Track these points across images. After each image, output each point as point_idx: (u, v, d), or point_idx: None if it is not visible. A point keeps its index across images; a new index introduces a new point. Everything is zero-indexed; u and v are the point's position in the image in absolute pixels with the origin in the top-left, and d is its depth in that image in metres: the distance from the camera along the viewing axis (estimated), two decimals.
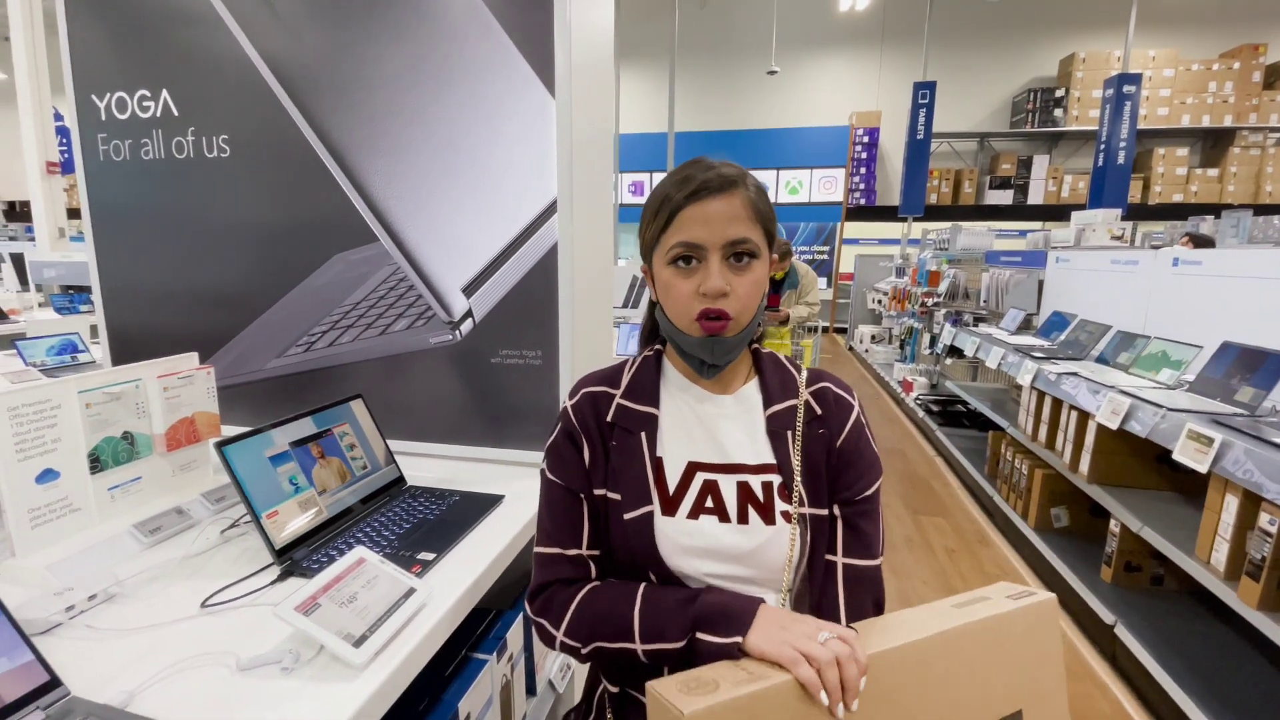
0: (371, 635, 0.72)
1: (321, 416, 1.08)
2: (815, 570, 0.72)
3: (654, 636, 0.66)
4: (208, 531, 1.03)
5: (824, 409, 0.77)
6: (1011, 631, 0.66)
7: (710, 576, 0.72)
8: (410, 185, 1.29)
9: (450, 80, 1.25)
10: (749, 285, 0.70)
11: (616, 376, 0.81)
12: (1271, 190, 8.47)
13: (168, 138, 1.45)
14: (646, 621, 0.67)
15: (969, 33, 9.65)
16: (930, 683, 0.62)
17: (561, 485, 0.79)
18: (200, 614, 0.82)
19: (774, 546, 0.71)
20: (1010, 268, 4.59)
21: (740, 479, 0.73)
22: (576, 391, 0.81)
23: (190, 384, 1.13)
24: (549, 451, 0.81)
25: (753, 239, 0.70)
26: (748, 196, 0.71)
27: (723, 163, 0.72)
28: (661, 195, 0.72)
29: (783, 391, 0.77)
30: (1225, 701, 1.74)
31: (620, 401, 0.78)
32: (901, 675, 0.61)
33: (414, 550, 0.94)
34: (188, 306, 1.50)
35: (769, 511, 0.72)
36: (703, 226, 0.69)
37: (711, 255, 0.69)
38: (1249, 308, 2.31)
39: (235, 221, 1.44)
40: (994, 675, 0.65)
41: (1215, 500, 1.77)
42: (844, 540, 0.73)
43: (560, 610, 0.74)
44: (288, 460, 0.99)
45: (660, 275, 0.73)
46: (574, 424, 0.79)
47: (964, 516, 3.44)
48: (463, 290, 1.30)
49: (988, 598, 0.69)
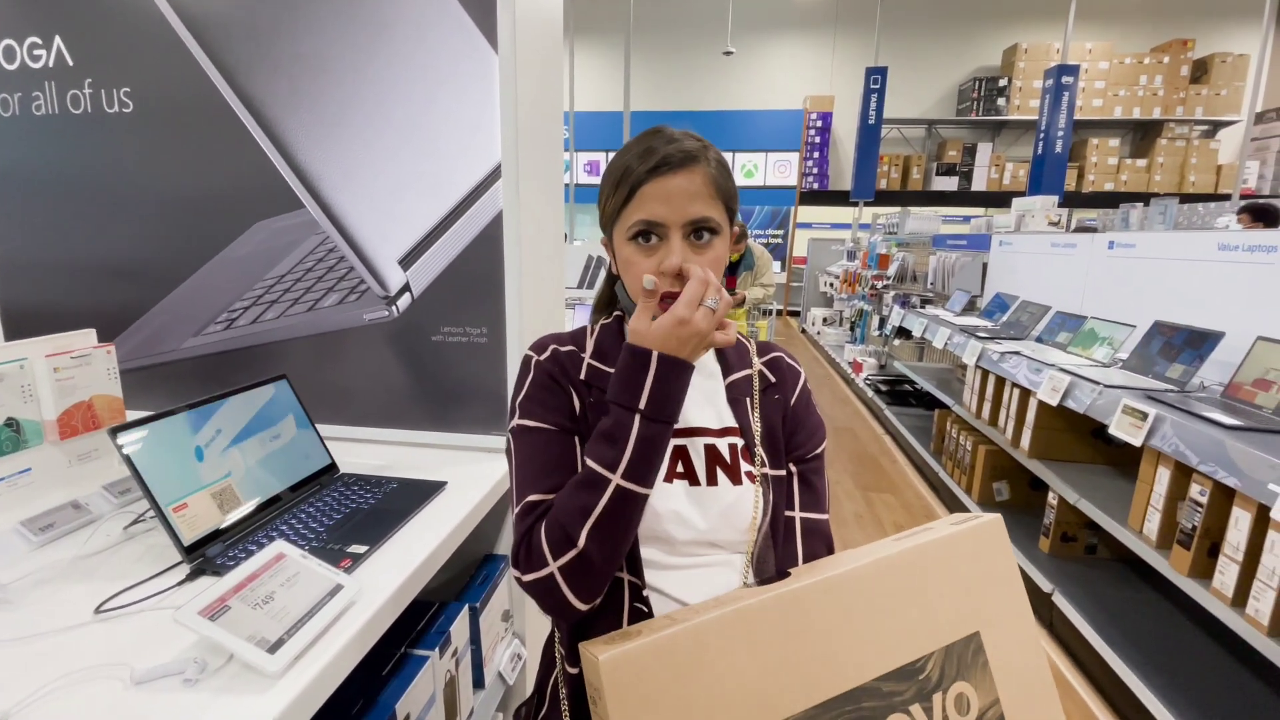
0: (289, 639, 0.64)
1: (239, 399, 0.98)
2: (776, 528, 0.74)
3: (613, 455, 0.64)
4: (108, 527, 0.93)
5: (778, 376, 0.80)
6: (955, 554, 0.65)
7: (681, 542, 0.71)
8: (339, 146, 1.18)
9: (383, 30, 1.14)
10: (709, 263, 0.70)
11: (580, 339, 0.79)
12: (1195, 180, 8.97)
13: (62, 91, 1.30)
14: (599, 455, 0.65)
15: (919, 20, 9.80)
16: (872, 611, 0.60)
17: (548, 428, 0.72)
18: (93, 620, 0.73)
19: (741, 507, 0.71)
20: (956, 251, 4.72)
21: (707, 441, 0.74)
22: (544, 347, 0.77)
23: (86, 364, 1.01)
24: (524, 403, 0.74)
25: (714, 217, 0.70)
26: (709, 173, 0.70)
27: (684, 134, 0.71)
28: (622, 167, 0.71)
29: (739, 361, 0.80)
30: (1157, 664, 1.83)
31: (590, 362, 0.75)
32: (839, 606, 0.59)
33: (344, 543, 0.87)
34: (91, 280, 1.36)
35: (735, 472, 0.73)
36: (664, 204, 0.68)
37: (673, 234, 0.68)
38: (1177, 289, 2.42)
39: (142, 185, 1.30)
40: (942, 599, 0.63)
41: (1148, 472, 1.85)
42: (800, 496, 0.76)
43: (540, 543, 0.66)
44: (199, 447, 0.89)
45: (621, 251, 0.72)
46: (552, 369, 0.74)
47: (911, 493, 3.53)
48: (399, 262, 1.20)
49: (931, 528, 0.68)
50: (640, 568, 0.69)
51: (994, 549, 0.67)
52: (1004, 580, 0.67)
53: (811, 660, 0.57)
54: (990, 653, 0.64)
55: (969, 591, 0.65)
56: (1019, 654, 0.66)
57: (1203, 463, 1.58)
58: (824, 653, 0.57)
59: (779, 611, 0.57)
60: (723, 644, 0.55)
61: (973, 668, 0.63)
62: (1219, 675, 1.80)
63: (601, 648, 0.55)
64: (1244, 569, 1.49)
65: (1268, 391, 1.71)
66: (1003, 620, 0.65)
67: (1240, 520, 1.50)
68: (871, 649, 0.59)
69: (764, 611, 0.57)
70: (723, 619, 0.56)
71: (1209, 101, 8.92)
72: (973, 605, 0.64)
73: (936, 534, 0.66)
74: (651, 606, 0.68)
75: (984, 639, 0.64)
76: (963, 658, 0.62)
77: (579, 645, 0.57)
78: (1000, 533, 0.68)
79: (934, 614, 0.62)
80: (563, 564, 0.64)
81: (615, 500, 0.63)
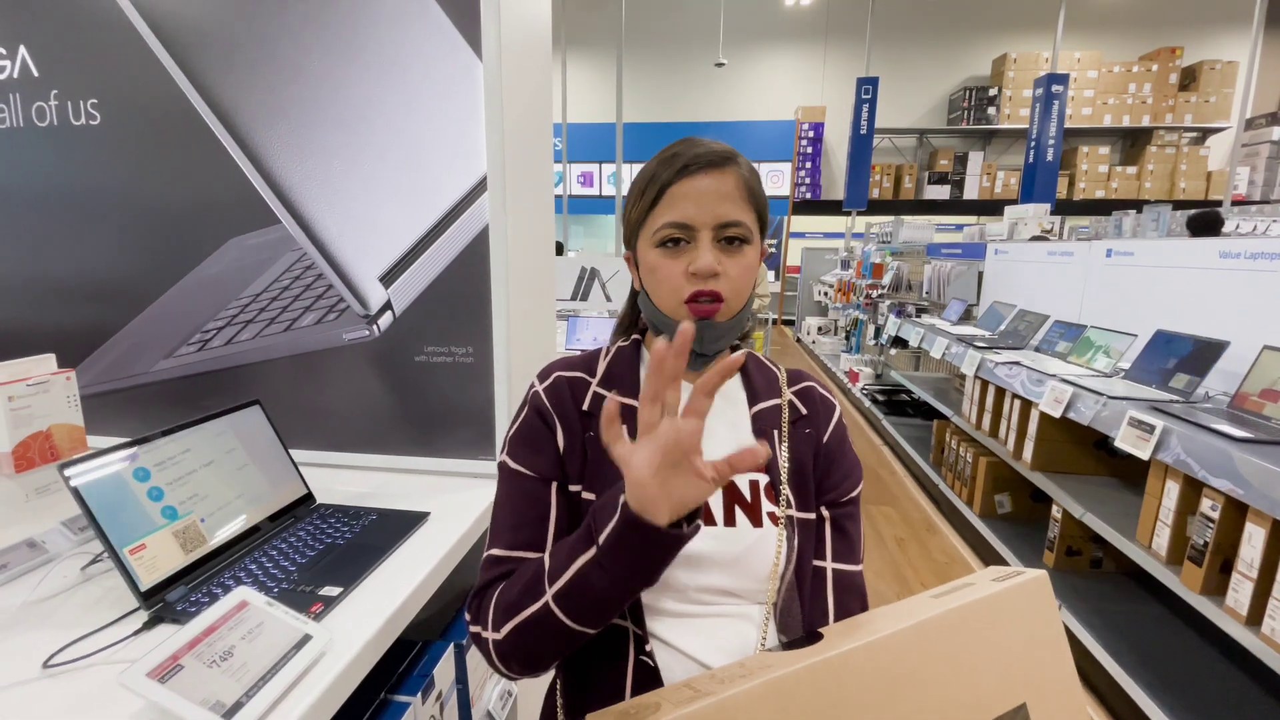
0: (249, 701, 0.58)
1: (207, 428, 0.92)
2: (803, 578, 0.67)
3: (560, 571, 0.57)
4: (65, 568, 0.86)
5: (809, 409, 0.73)
6: (1001, 616, 0.59)
7: (692, 589, 0.64)
8: (316, 159, 1.13)
9: (361, 36, 1.09)
10: (741, 269, 0.65)
11: (591, 364, 0.74)
12: (1185, 187, 9.03)
13: (27, 102, 1.24)
14: (554, 561, 0.58)
15: (909, 31, 9.88)
16: (914, 681, 0.54)
17: (529, 475, 0.68)
18: (41, 676, 0.67)
19: (761, 551, 0.65)
20: (951, 260, 4.70)
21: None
22: (548, 375, 0.72)
23: (44, 391, 0.95)
24: (513, 439, 0.70)
25: (745, 222, 0.65)
26: (740, 175, 0.66)
27: (713, 141, 0.67)
28: (649, 174, 0.66)
29: (768, 390, 0.73)
30: (1166, 681, 1.78)
31: (597, 390, 0.70)
32: (879, 675, 0.53)
33: (316, 584, 0.80)
34: (54, 301, 1.29)
35: (756, 512, 0.66)
36: (693, 204, 0.64)
37: (702, 234, 0.64)
38: (1178, 297, 2.39)
39: (110, 201, 1.24)
40: (987, 667, 0.57)
41: (1156, 486, 1.80)
42: (832, 544, 0.70)
43: (489, 608, 0.63)
44: (158, 484, 0.83)
45: (646, 258, 0.67)
46: (547, 406, 0.70)
47: (911, 505, 3.48)
48: (380, 279, 1.15)
49: (971, 583, 0.62)
50: (642, 616, 0.63)
51: (1040, 609, 0.61)
52: (1051, 644, 0.61)
53: None
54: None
55: (1016, 658, 0.59)
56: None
57: (1213, 477, 1.54)
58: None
59: (813, 683, 0.51)
60: (749, 717, 0.48)
61: None
62: (1231, 693, 1.75)
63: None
64: (1259, 587, 1.44)
65: (1276, 403, 1.67)
66: (1050, 689, 0.60)
67: (1254, 536, 1.45)
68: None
69: (798, 683, 0.50)
70: (752, 692, 0.49)
71: (1198, 108, 9.00)
72: (1020, 673, 0.58)
73: (979, 592, 0.59)
74: (657, 661, 0.62)
75: (1031, 712, 0.58)
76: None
77: (588, 717, 0.52)
78: (1046, 590, 0.62)
79: (979, 684, 0.56)
80: (496, 640, 0.61)
81: (538, 618, 0.58)
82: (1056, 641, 0.62)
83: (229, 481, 0.92)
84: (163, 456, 0.85)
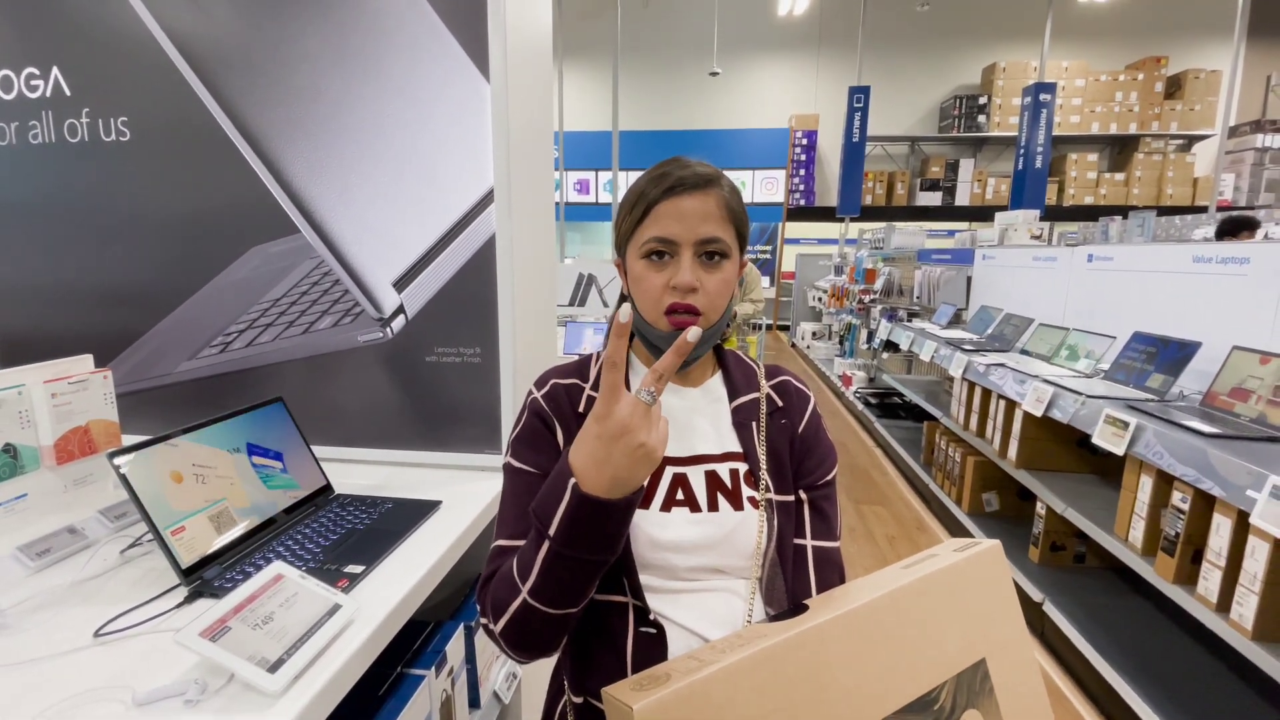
0: (289, 659, 0.65)
1: (235, 422, 0.99)
2: (785, 556, 0.73)
3: (527, 568, 0.63)
4: (105, 551, 0.93)
5: (785, 401, 0.79)
6: (962, 581, 0.66)
7: (683, 569, 0.71)
8: (334, 172, 1.21)
9: (377, 61, 1.18)
10: (718, 284, 0.71)
11: (584, 369, 0.80)
12: (1172, 193, 9.18)
13: (59, 120, 1.32)
14: (520, 559, 0.64)
15: (901, 40, 10.03)
16: (889, 643, 0.61)
17: (531, 471, 0.74)
18: (93, 644, 0.74)
19: (743, 532, 0.71)
20: (941, 265, 4.79)
21: (707, 468, 0.74)
22: (545, 382, 0.79)
23: (84, 390, 1.02)
24: (515, 442, 0.77)
25: (724, 239, 0.71)
26: (722, 196, 0.73)
27: (699, 162, 0.74)
28: (639, 190, 0.74)
29: (746, 385, 0.79)
30: (1147, 671, 1.85)
31: (591, 394, 0.77)
32: (859, 640, 0.60)
33: (341, 563, 0.88)
34: (87, 306, 1.37)
35: (737, 497, 0.72)
36: (677, 222, 0.70)
37: (684, 251, 0.70)
38: (1155, 300, 2.48)
39: (139, 212, 1.31)
40: (951, 628, 0.64)
41: (1131, 481, 1.88)
42: (811, 523, 0.76)
43: (488, 603, 0.69)
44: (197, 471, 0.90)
45: (633, 268, 0.74)
46: (546, 410, 0.76)
47: (902, 504, 3.56)
48: (393, 285, 1.23)
49: (936, 554, 0.70)
50: (642, 593, 0.69)
51: (996, 574, 0.69)
52: (1005, 604, 0.69)
53: (836, 697, 0.57)
54: (995, 679, 0.65)
55: (975, 618, 0.66)
56: (1021, 678, 0.67)
57: (1184, 471, 1.62)
58: (847, 688, 0.57)
59: (802, 648, 0.57)
60: (753, 684, 0.54)
61: (981, 694, 0.64)
62: (1206, 680, 1.83)
63: (631, 694, 0.52)
64: (1226, 574, 1.51)
65: (1245, 401, 1.76)
66: (1005, 645, 0.67)
67: (1221, 527, 1.53)
68: (890, 682, 0.59)
69: (789, 649, 0.57)
70: (750, 658, 0.55)
71: (1183, 116, 9.16)
72: (979, 632, 0.66)
73: (942, 561, 0.66)
74: (664, 630, 0.68)
75: (990, 665, 0.65)
76: (972, 685, 0.64)
77: (602, 691, 0.56)
78: (1000, 557, 0.70)
79: (945, 643, 0.63)
80: (499, 631, 0.66)
81: (523, 612, 0.63)
82: (1009, 602, 0.70)
83: (257, 471, 0.99)
84: (199, 446, 0.92)
